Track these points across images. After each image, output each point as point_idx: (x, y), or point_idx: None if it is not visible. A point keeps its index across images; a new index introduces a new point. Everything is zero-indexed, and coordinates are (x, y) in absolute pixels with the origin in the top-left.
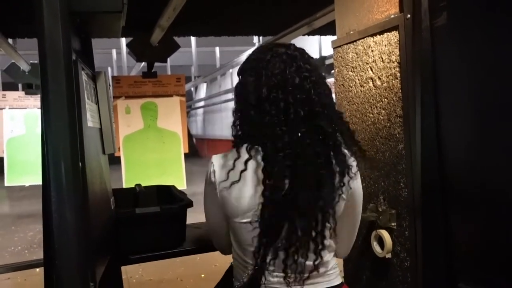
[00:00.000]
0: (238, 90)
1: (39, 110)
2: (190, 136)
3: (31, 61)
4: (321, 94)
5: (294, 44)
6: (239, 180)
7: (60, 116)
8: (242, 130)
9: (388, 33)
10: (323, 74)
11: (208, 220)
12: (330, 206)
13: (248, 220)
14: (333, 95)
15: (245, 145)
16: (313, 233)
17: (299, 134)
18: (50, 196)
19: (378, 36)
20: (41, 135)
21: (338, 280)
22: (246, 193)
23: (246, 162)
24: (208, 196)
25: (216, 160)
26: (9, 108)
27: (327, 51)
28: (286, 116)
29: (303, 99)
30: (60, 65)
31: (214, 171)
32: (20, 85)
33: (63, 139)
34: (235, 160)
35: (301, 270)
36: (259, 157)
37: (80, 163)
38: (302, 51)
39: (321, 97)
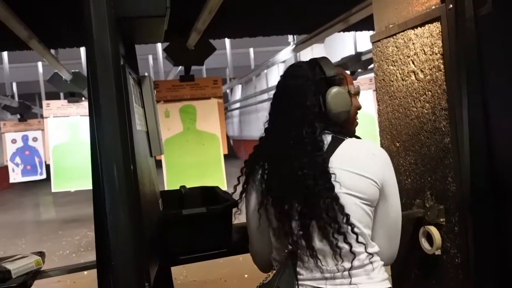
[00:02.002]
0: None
1: (82, 118)
2: (227, 137)
3: (72, 70)
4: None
5: (317, 59)
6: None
7: (111, 120)
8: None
9: (429, 24)
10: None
11: (249, 224)
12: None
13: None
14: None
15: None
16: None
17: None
18: (102, 199)
19: (419, 28)
20: (90, 140)
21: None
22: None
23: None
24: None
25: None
26: (53, 117)
27: (363, 46)
28: (296, 130)
29: (317, 113)
30: (109, 70)
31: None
32: (62, 94)
33: (115, 142)
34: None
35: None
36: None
37: (131, 165)
38: (320, 64)
39: (330, 112)
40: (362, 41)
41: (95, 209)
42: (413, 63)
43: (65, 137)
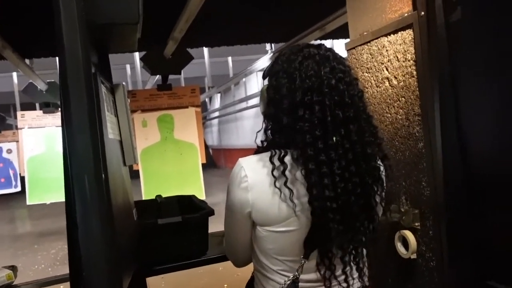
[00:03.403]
0: (270, 94)
1: (58, 128)
2: (206, 146)
3: (47, 80)
4: (354, 96)
5: (324, 44)
6: (277, 189)
7: (82, 128)
8: (274, 137)
9: (402, 31)
10: (355, 75)
11: (230, 228)
12: (375, 211)
13: (287, 228)
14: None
15: (277, 153)
16: (363, 240)
17: (338, 138)
18: (74, 209)
19: (392, 35)
20: (63, 150)
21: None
22: (282, 201)
23: (284, 172)
24: (234, 201)
25: (247, 164)
26: (28, 128)
27: (340, 54)
28: (321, 120)
29: (338, 101)
30: (81, 79)
31: (246, 176)
32: (37, 105)
33: (85, 151)
34: (273, 169)
35: (345, 279)
36: (297, 165)
37: (103, 175)
38: (333, 51)
39: (354, 100)
40: (339, 48)
41: (68, 220)
42: (387, 69)
43: (40, 148)
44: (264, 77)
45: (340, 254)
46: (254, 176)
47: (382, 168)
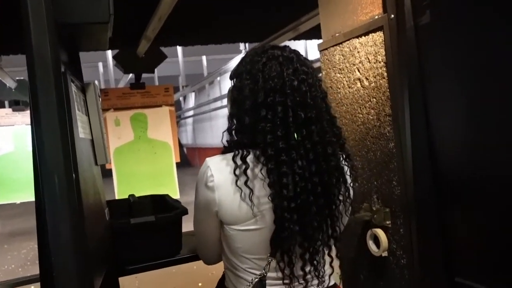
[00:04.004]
0: (234, 95)
1: (28, 127)
2: (180, 145)
3: (17, 78)
4: (316, 97)
5: (289, 46)
6: (240, 189)
7: (51, 127)
8: (237, 136)
9: (373, 33)
10: (319, 76)
11: (199, 227)
12: (337, 210)
13: (252, 227)
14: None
15: (240, 152)
16: (325, 237)
17: (299, 139)
18: (44, 209)
19: (363, 37)
20: (32, 149)
21: (332, 281)
22: (247, 200)
23: (245, 171)
24: (202, 200)
25: (213, 164)
26: None
27: (313, 55)
28: (283, 120)
29: (300, 102)
30: (49, 77)
31: (212, 175)
32: (6, 102)
33: (55, 150)
34: (235, 169)
35: (303, 276)
36: (259, 164)
37: (73, 174)
38: (297, 53)
39: (316, 101)
40: (313, 49)
41: (38, 220)
42: (358, 71)
43: (10, 147)
44: (230, 78)
45: (300, 252)
46: (220, 176)
47: (346, 168)
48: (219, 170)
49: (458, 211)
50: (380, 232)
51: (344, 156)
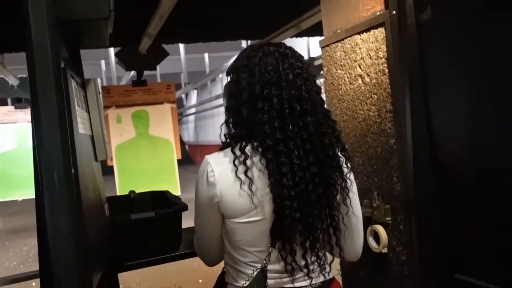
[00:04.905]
0: (231, 88)
1: (30, 124)
2: (182, 143)
3: (19, 75)
4: (311, 91)
5: (284, 43)
6: (240, 179)
7: (51, 123)
8: (235, 129)
9: (374, 30)
10: (313, 73)
11: (201, 226)
12: (335, 199)
13: (252, 219)
14: (323, 95)
15: (239, 144)
16: (324, 226)
17: (296, 130)
18: (43, 205)
19: (365, 33)
20: (32, 145)
21: (331, 275)
22: (247, 192)
23: (245, 161)
24: (203, 197)
25: (213, 160)
26: (0, 123)
27: (316, 52)
28: (279, 112)
29: (295, 95)
30: (49, 73)
31: (212, 170)
32: (9, 100)
33: (54, 145)
34: (234, 159)
35: (305, 265)
36: (257, 155)
37: (72, 170)
38: (292, 49)
39: (311, 94)
40: (315, 46)
41: (38, 216)
42: (360, 67)
43: (12, 144)
44: (227, 74)
45: (301, 240)
46: (220, 169)
47: (342, 159)
48: (219, 164)
49: (458, 207)
50: (380, 229)
51: (339, 147)
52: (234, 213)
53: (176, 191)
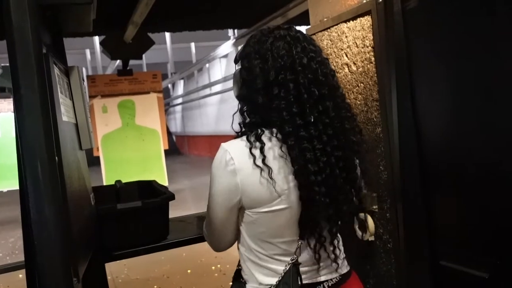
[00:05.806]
0: (243, 76)
1: (13, 114)
2: (169, 133)
3: (2, 64)
4: (327, 74)
5: (293, 26)
6: (260, 168)
7: (33, 110)
8: (250, 117)
9: (361, 18)
10: (325, 56)
11: (216, 213)
12: (359, 183)
13: (277, 208)
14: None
15: (254, 132)
16: (353, 209)
17: (316, 115)
18: (27, 193)
19: (351, 21)
20: (15, 133)
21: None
22: (268, 180)
23: (262, 149)
24: (222, 186)
25: (231, 147)
26: None
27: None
28: (296, 98)
29: (312, 79)
30: (30, 57)
31: (232, 158)
32: None
33: (37, 133)
34: (251, 148)
35: (333, 249)
36: (277, 142)
37: (56, 158)
38: (302, 33)
39: (328, 78)
40: None
41: (22, 205)
42: (346, 55)
43: None
44: (236, 61)
45: (328, 227)
46: (240, 158)
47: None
48: (238, 152)
49: (443, 195)
50: (367, 217)
51: (357, 130)
52: (256, 202)
53: (163, 181)
